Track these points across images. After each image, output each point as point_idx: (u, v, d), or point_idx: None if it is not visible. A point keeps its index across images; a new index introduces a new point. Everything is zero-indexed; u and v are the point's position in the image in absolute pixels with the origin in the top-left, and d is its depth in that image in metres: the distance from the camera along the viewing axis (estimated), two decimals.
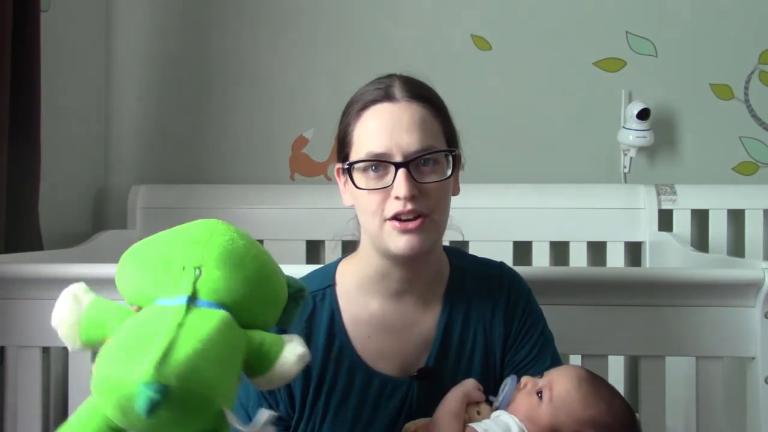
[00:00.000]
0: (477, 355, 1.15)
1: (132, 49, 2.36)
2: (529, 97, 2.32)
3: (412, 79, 1.12)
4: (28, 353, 1.47)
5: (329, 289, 1.16)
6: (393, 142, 1.04)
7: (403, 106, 1.07)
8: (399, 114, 1.06)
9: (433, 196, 1.06)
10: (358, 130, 1.08)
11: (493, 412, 1.05)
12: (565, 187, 2.25)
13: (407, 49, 2.32)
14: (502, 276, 1.21)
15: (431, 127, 1.08)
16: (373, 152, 1.05)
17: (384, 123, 1.06)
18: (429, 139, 1.06)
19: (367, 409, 1.12)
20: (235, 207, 2.23)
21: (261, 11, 2.35)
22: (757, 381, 1.39)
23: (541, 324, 1.20)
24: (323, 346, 1.13)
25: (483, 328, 1.16)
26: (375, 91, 1.09)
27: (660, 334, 1.40)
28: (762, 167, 2.31)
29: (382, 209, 1.05)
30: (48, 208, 1.89)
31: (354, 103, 1.11)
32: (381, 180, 1.05)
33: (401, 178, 1.03)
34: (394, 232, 1.05)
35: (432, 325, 1.15)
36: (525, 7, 2.33)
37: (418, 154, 1.05)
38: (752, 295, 1.38)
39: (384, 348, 1.14)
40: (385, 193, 1.05)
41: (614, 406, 1.01)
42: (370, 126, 1.07)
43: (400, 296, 1.14)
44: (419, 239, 1.05)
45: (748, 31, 2.30)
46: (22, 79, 1.72)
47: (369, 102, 1.08)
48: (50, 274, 1.46)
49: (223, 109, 2.36)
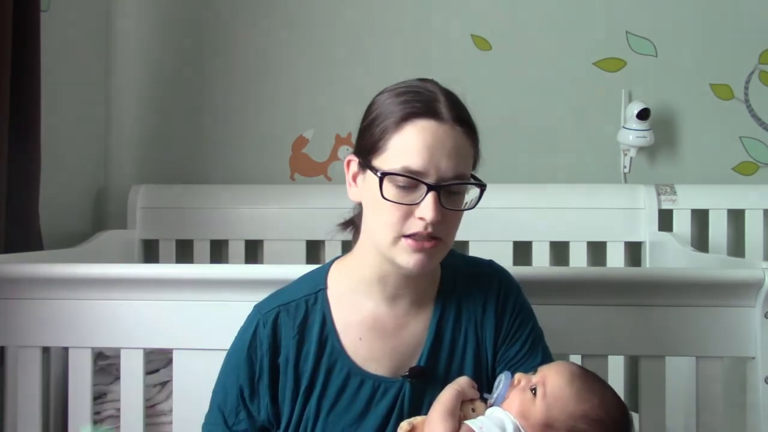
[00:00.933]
0: (469, 353, 1.16)
1: (132, 50, 2.36)
2: (529, 97, 2.32)
3: (455, 98, 1.10)
4: (28, 353, 1.47)
5: (321, 293, 1.16)
6: (432, 164, 1.03)
7: (448, 128, 1.05)
8: (443, 137, 1.04)
9: (452, 223, 1.07)
10: (397, 140, 1.05)
11: (487, 408, 1.06)
12: (565, 187, 2.25)
13: (407, 49, 2.32)
14: (491, 274, 1.21)
15: (467, 154, 1.07)
16: (410, 168, 1.03)
17: (427, 142, 1.03)
18: (463, 166, 1.06)
19: (360, 411, 1.12)
20: (235, 207, 2.23)
21: (261, 11, 2.35)
22: (757, 381, 1.39)
23: (532, 320, 1.21)
24: (315, 350, 1.13)
25: (474, 326, 1.17)
26: (418, 102, 1.06)
27: (660, 334, 1.40)
28: (762, 167, 2.31)
29: (402, 224, 1.04)
30: (48, 208, 1.89)
31: (392, 108, 1.07)
32: (408, 196, 1.04)
33: (430, 201, 1.02)
34: (407, 249, 1.05)
35: (424, 325, 1.15)
36: (525, 7, 2.33)
37: (453, 180, 1.04)
38: (752, 295, 1.38)
39: (375, 349, 1.13)
40: (409, 210, 1.04)
41: (606, 401, 1.03)
42: (412, 141, 1.04)
43: (395, 299, 1.14)
44: (429, 260, 1.06)
45: (748, 31, 2.30)
46: (22, 79, 1.72)
47: (412, 114, 1.05)
48: (50, 274, 1.46)
49: (223, 109, 2.36)
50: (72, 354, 1.47)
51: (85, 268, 1.47)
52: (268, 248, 2.23)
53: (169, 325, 1.44)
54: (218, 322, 1.39)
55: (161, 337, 1.45)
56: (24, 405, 1.47)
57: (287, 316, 1.14)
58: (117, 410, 1.57)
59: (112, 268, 1.50)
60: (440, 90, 1.10)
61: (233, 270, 1.57)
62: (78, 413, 1.47)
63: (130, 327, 1.45)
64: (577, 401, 1.01)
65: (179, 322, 1.44)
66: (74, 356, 1.47)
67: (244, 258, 2.23)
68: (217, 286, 1.43)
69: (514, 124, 2.32)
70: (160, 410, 1.70)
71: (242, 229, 2.23)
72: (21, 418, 1.47)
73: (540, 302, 1.29)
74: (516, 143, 2.31)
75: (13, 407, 1.48)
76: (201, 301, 1.44)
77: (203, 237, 2.23)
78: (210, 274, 1.47)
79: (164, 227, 2.24)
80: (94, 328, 1.45)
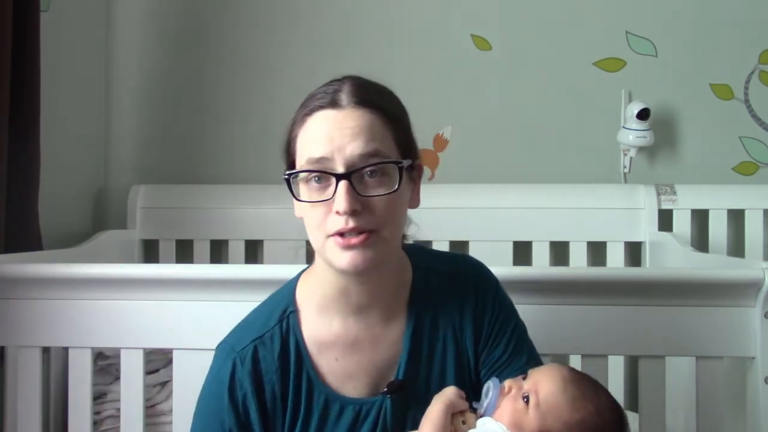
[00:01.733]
0: (449, 360, 1.10)
1: (132, 49, 2.36)
2: (529, 97, 2.32)
3: (364, 83, 1.04)
4: (28, 353, 1.47)
5: (292, 316, 1.10)
6: (334, 147, 0.96)
7: (347, 112, 0.98)
8: (342, 120, 0.98)
9: (380, 211, 0.98)
10: (301, 138, 1.01)
11: (477, 419, 1.02)
12: (565, 187, 2.25)
13: (407, 49, 2.32)
14: (467, 272, 1.14)
15: (380, 135, 0.99)
16: (312, 158, 0.97)
17: (326, 130, 0.98)
18: (374, 147, 0.98)
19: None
20: (235, 207, 2.23)
21: (261, 11, 2.35)
22: (757, 381, 1.39)
23: (514, 317, 1.15)
24: (293, 382, 1.07)
25: (453, 330, 1.11)
26: (322, 96, 1.02)
27: (660, 334, 1.40)
28: (762, 167, 2.31)
29: (325, 224, 0.98)
30: (48, 208, 1.89)
31: (300, 108, 1.04)
32: (323, 192, 0.98)
33: (342, 192, 0.95)
34: (336, 248, 0.98)
35: (399, 335, 1.09)
36: (525, 8, 2.33)
37: (362, 164, 0.97)
38: (752, 295, 1.38)
39: (353, 368, 1.08)
40: (328, 207, 0.97)
41: (601, 406, 1.00)
42: (312, 133, 0.99)
43: (363, 311, 1.07)
44: (364, 256, 0.97)
45: (748, 31, 2.30)
46: (22, 79, 1.72)
47: (314, 108, 1.01)
48: (50, 274, 1.46)
49: (223, 109, 2.36)
50: (72, 354, 1.47)
51: (85, 268, 1.47)
52: (268, 248, 2.23)
53: (169, 325, 1.44)
54: (218, 322, 1.38)
55: (161, 337, 1.45)
56: (24, 405, 1.47)
57: (265, 350, 1.07)
58: (117, 410, 1.57)
59: (112, 268, 1.49)
60: (349, 81, 1.03)
61: (233, 270, 1.57)
62: (78, 413, 1.47)
63: (130, 327, 1.45)
64: (573, 409, 0.98)
65: (179, 322, 1.44)
66: (74, 356, 1.47)
67: (244, 258, 2.23)
68: (217, 286, 1.43)
69: (514, 124, 2.32)
70: (160, 410, 1.70)
71: (242, 229, 2.23)
72: (21, 418, 1.47)
73: (540, 302, 1.29)
74: (516, 143, 2.31)
75: (13, 407, 1.48)
76: (201, 301, 1.44)
77: (203, 237, 2.23)
78: (210, 274, 1.47)
79: (164, 227, 2.24)
80: (94, 328, 1.45)
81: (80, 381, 1.47)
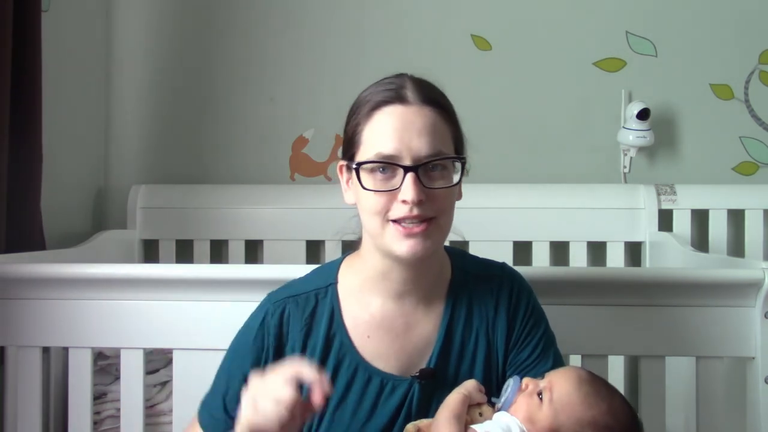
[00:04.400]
0: (479, 355, 1.15)
1: (132, 49, 2.36)
2: (529, 97, 2.32)
3: (423, 81, 1.11)
4: (28, 353, 1.47)
5: (331, 287, 1.16)
6: (403, 145, 1.04)
7: (415, 109, 1.06)
8: (411, 117, 1.05)
9: (439, 201, 1.06)
10: (368, 131, 1.07)
11: (495, 413, 1.05)
12: (565, 187, 2.25)
13: (407, 49, 2.32)
14: (503, 276, 1.20)
15: (442, 132, 1.07)
16: (382, 153, 1.04)
17: (395, 125, 1.05)
18: (439, 144, 1.06)
19: (367, 407, 1.12)
20: (235, 207, 2.23)
21: (261, 11, 2.35)
22: (757, 381, 1.39)
23: (544, 324, 1.20)
24: (322, 343, 1.13)
25: (485, 328, 1.16)
26: (386, 91, 1.08)
27: (660, 334, 1.40)
28: (762, 167, 2.31)
29: (387, 210, 1.05)
30: (48, 208, 1.89)
31: (364, 102, 1.10)
32: (388, 182, 1.05)
33: (409, 182, 1.03)
34: (397, 235, 1.05)
35: (434, 325, 1.15)
36: (525, 7, 2.33)
37: (428, 158, 1.04)
38: (752, 295, 1.38)
39: (383, 348, 1.13)
40: (392, 196, 1.05)
41: (614, 406, 1.02)
42: (381, 127, 1.06)
43: (402, 297, 1.14)
44: (423, 243, 1.05)
45: (748, 31, 2.30)
46: (23, 79, 1.72)
47: (380, 102, 1.07)
48: (50, 274, 1.46)
49: (223, 109, 2.36)
50: (72, 354, 1.47)
51: (85, 268, 1.47)
52: (268, 248, 2.23)
53: (169, 325, 1.44)
54: (218, 322, 1.40)
55: (161, 337, 1.45)
56: (24, 405, 1.47)
57: (296, 308, 1.14)
58: (117, 410, 1.57)
59: (112, 268, 1.49)
60: (409, 79, 1.11)
61: (233, 270, 1.57)
62: (78, 413, 1.47)
63: (130, 327, 1.45)
64: (585, 407, 1.00)
65: (179, 322, 1.44)
66: (74, 356, 1.47)
67: (244, 258, 2.23)
68: (217, 286, 1.43)
69: (514, 124, 2.32)
70: (160, 410, 1.70)
71: (242, 229, 2.23)
72: (21, 418, 1.47)
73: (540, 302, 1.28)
74: (516, 143, 2.31)
75: (13, 407, 1.48)
76: (201, 301, 1.44)
77: (203, 237, 2.23)
78: (210, 274, 1.47)
79: (164, 227, 2.24)
80: (94, 328, 1.45)
81: (80, 381, 1.47)
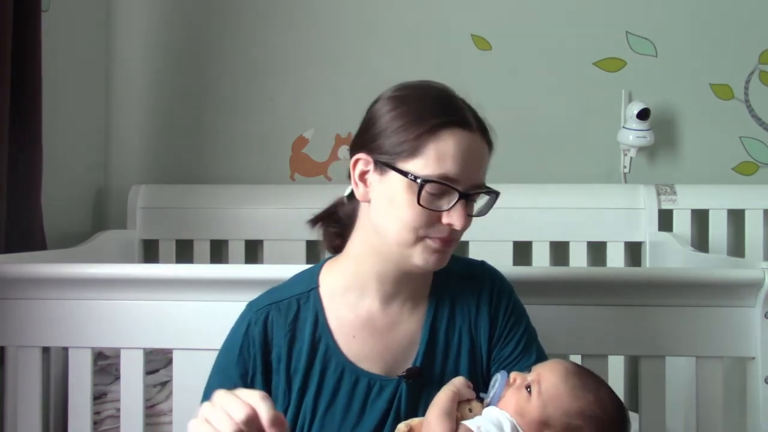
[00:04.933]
0: (463, 353, 1.16)
1: (132, 49, 2.36)
2: (529, 97, 2.32)
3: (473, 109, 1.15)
4: (28, 353, 1.47)
5: (313, 292, 1.17)
6: (466, 172, 1.06)
7: (477, 138, 1.09)
8: (475, 147, 1.08)
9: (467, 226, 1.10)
10: (435, 147, 1.05)
11: (484, 408, 1.05)
12: (565, 187, 2.25)
13: (408, 49, 2.33)
14: (484, 275, 1.22)
15: (487, 163, 1.13)
16: (447, 176, 1.05)
17: (463, 151, 1.06)
18: (484, 175, 1.11)
19: (356, 410, 1.12)
20: (235, 207, 2.23)
21: (261, 12, 2.35)
22: (757, 381, 1.39)
23: (525, 320, 1.21)
24: (308, 348, 1.13)
25: (468, 326, 1.17)
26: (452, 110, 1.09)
27: (660, 334, 1.40)
28: (762, 167, 2.31)
29: (427, 228, 1.06)
30: (48, 208, 1.89)
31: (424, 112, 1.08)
32: (437, 201, 1.06)
33: (460, 210, 1.06)
34: (428, 250, 1.07)
35: (418, 324, 1.16)
36: (525, 7, 2.33)
37: (478, 189, 1.09)
38: (752, 295, 1.38)
39: (368, 348, 1.14)
40: (438, 216, 1.06)
41: (601, 397, 1.02)
42: (450, 149, 1.05)
43: (390, 298, 1.15)
44: (446, 258, 1.10)
45: (748, 31, 2.30)
46: (23, 79, 1.72)
47: (446, 122, 1.07)
48: (50, 274, 1.46)
49: (223, 109, 2.36)
50: (72, 354, 1.47)
51: (85, 268, 1.47)
52: (268, 248, 2.23)
53: (169, 325, 1.44)
54: (218, 322, 1.39)
55: (161, 337, 1.45)
56: (24, 405, 1.47)
57: (278, 314, 1.14)
58: (117, 410, 1.57)
59: (112, 268, 1.49)
60: (462, 102, 1.14)
61: (233, 270, 1.57)
62: (78, 413, 1.47)
63: (130, 327, 1.45)
64: (573, 398, 1.01)
65: (179, 322, 1.44)
66: (74, 356, 1.47)
67: (244, 258, 2.23)
68: (217, 286, 1.43)
69: (514, 125, 2.31)
70: (160, 410, 1.71)
71: (242, 229, 2.23)
72: (21, 418, 1.47)
73: (540, 302, 1.29)
74: (516, 143, 2.31)
75: (13, 407, 1.48)
76: (201, 301, 1.44)
77: (203, 237, 2.23)
78: (210, 274, 1.47)
79: (164, 227, 2.24)
80: (94, 328, 1.45)
81: (80, 381, 1.47)
